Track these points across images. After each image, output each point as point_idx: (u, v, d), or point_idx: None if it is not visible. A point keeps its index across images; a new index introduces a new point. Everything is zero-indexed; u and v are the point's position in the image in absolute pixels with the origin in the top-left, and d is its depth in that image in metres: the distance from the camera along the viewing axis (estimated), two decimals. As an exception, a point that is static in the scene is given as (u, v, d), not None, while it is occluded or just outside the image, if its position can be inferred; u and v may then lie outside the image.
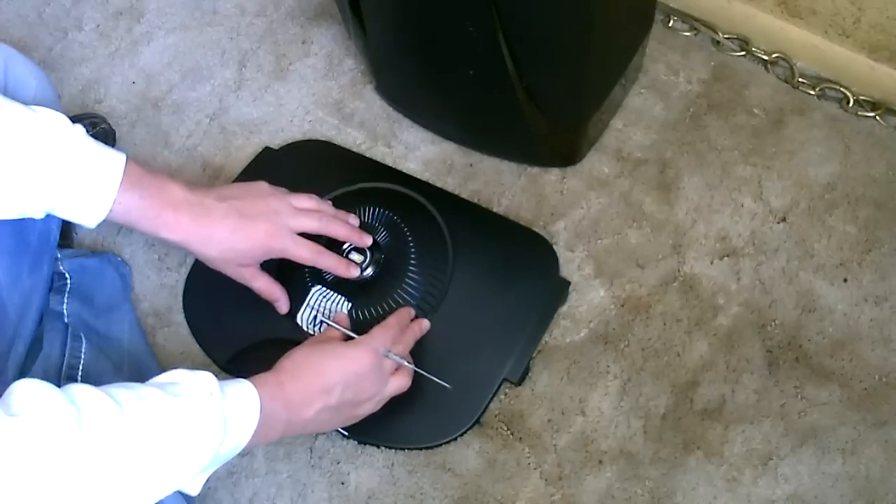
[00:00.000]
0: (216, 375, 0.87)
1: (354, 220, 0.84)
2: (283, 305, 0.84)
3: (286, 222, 0.76)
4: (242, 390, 0.64)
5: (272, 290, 0.82)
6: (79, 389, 0.54)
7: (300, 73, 1.09)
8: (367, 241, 0.84)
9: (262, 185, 0.78)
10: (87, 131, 0.68)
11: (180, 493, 0.61)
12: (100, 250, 0.96)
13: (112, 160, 0.67)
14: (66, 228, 0.93)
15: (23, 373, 0.76)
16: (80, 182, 0.65)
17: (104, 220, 0.68)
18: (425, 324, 0.84)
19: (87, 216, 0.67)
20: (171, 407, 0.57)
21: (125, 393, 0.56)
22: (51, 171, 0.64)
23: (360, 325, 0.85)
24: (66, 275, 0.87)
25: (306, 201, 0.80)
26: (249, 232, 0.74)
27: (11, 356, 0.76)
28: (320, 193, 0.85)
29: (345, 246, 0.85)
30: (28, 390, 0.53)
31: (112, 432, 0.53)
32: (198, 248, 0.74)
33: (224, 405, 0.60)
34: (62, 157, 0.64)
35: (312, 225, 0.78)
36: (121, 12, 1.16)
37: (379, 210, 0.90)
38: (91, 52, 1.13)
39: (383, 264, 0.86)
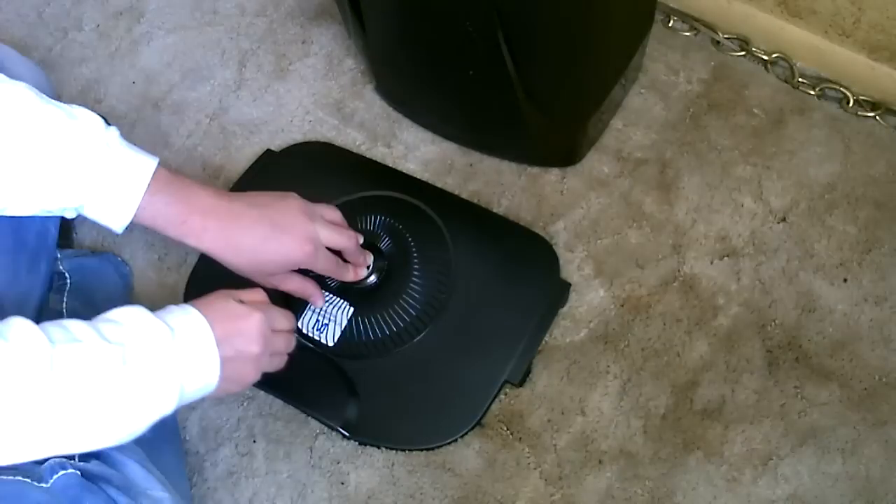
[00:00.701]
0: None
1: (360, 238, 0.83)
2: (318, 300, 0.82)
3: (320, 238, 0.75)
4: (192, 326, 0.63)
5: (306, 288, 0.80)
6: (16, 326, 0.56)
7: (300, 73, 1.09)
8: (369, 260, 0.84)
9: (294, 196, 0.76)
10: None
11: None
12: (100, 250, 0.96)
13: (141, 164, 0.67)
14: (66, 228, 0.93)
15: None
16: (106, 184, 0.65)
17: (133, 224, 0.68)
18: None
19: (113, 219, 0.67)
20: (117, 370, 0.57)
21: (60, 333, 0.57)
22: (78, 171, 0.64)
23: (363, 331, 0.86)
24: (66, 274, 0.87)
25: (331, 213, 0.79)
26: (282, 242, 0.72)
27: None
28: (323, 196, 0.85)
29: None
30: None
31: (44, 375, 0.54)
32: (225, 257, 0.72)
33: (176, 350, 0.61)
34: (91, 158, 0.64)
35: (342, 242, 0.77)
36: (121, 12, 1.16)
37: (381, 218, 0.90)
38: (91, 52, 1.13)
39: (386, 270, 0.86)
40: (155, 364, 0.59)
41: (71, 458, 0.66)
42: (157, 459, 0.75)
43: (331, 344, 0.86)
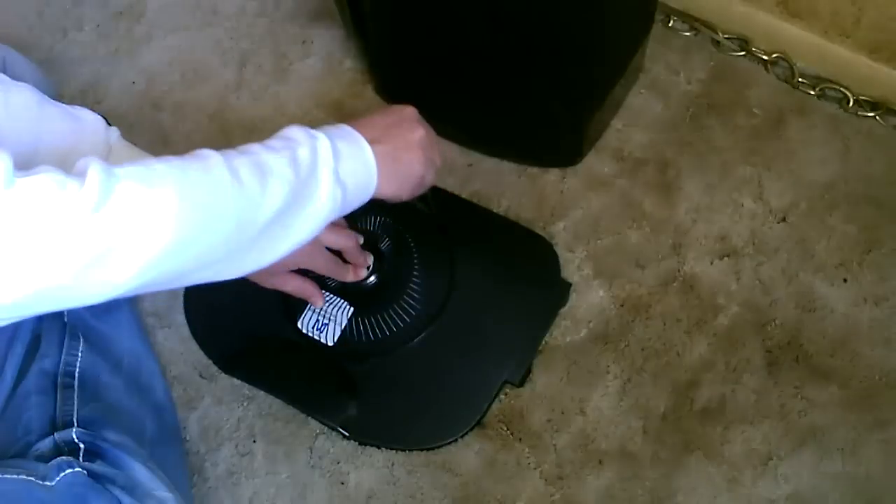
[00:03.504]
0: (215, 376, 0.87)
1: (360, 238, 0.83)
2: (318, 300, 0.81)
3: (320, 238, 0.73)
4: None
5: (306, 289, 0.79)
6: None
7: (300, 74, 1.09)
8: (369, 260, 0.84)
9: None
10: None
11: None
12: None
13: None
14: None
15: (21, 372, 0.76)
16: None
17: None
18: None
19: None
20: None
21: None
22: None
23: (363, 331, 0.86)
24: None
25: None
26: None
27: (10, 356, 0.76)
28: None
29: None
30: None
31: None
32: None
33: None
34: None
35: (342, 242, 0.77)
36: (121, 12, 1.16)
37: (381, 218, 0.89)
38: (91, 52, 1.13)
39: (386, 271, 0.86)
40: (314, 161, 0.58)
41: (76, 457, 0.66)
42: (160, 460, 0.75)
43: (331, 344, 0.86)
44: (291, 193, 0.56)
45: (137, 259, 0.48)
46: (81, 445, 0.68)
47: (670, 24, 1.07)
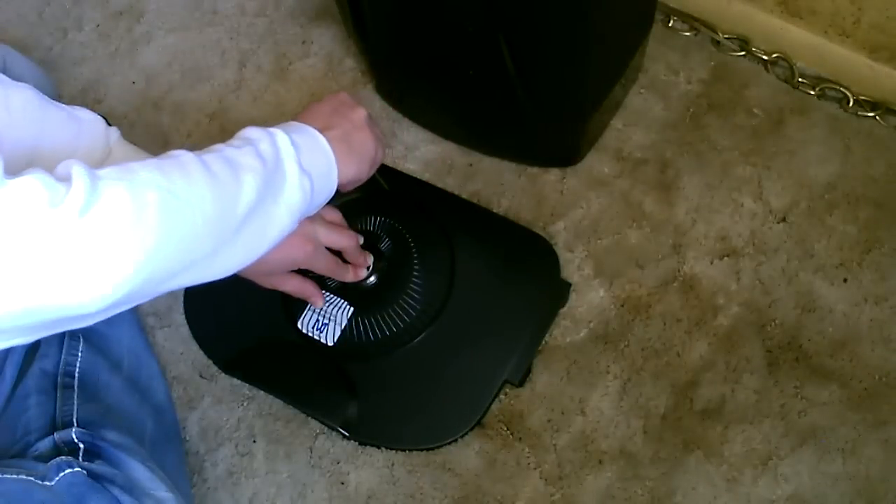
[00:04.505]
0: (216, 376, 0.87)
1: (360, 238, 0.83)
2: (318, 300, 0.81)
3: (319, 238, 0.74)
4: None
5: (305, 289, 0.79)
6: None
7: (300, 73, 1.09)
8: (368, 261, 0.84)
9: None
10: None
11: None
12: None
13: None
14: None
15: (21, 372, 0.76)
16: None
17: None
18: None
19: None
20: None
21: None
22: None
23: (363, 331, 0.86)
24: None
25: (331, 213, 0.78)
26: (282, 242, 0.73)
27: (10, 356, 0.76)
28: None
29: None
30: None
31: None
32: None
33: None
34: (93, 159, 0.64)
35: (342, 242, 0.77)
36: (121, 12, 1.16)
37: (381, 218, 0.90)
38: (91, 52, 1.13)
39: (386, 271, 0.86)
40: (277, 154, 0.60)
41: (76, 457, 0.66)
42: (160, 460, 0.75)
43: (331, 344, 0.86)
44: (263, 183, 0.57)
45: (128, 259, 0.48)
46: (81, 445, 0.68)
47: (670, 24, 1.07)
